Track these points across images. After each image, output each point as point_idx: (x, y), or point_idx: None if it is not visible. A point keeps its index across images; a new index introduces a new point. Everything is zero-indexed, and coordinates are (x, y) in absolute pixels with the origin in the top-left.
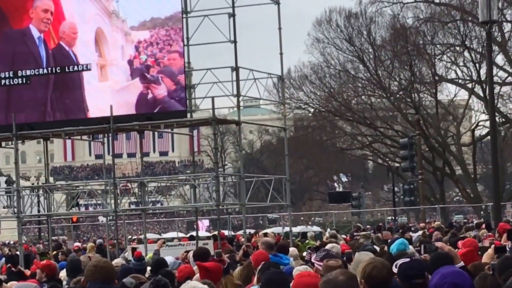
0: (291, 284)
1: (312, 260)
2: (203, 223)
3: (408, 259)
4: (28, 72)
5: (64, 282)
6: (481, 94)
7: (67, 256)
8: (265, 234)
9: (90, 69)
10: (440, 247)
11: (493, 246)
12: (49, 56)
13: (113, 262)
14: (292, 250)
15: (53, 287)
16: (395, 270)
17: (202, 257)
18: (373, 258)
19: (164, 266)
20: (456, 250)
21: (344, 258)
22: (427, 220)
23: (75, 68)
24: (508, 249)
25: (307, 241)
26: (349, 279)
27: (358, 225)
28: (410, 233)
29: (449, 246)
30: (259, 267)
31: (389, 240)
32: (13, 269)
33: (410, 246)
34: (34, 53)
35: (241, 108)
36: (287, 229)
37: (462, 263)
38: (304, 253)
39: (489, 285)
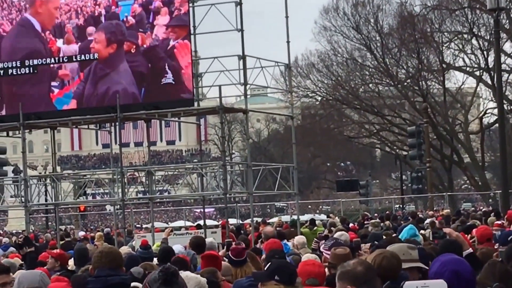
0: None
1: (321, 249)
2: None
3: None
4: (35, 62)
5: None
6: (489, 82)
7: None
8: (265, 224)
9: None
10: (448, 233)
11: None
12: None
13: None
14: (300, 238)
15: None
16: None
17: (199, 246)
18: (383, 249)
19: (172, 255)
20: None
21: (353, 247)
22: (435, 208)
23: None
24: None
25: (315, 228)
26: (368, 270)
27: (366, 214)
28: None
29: (457, 232)
30: (265, 255)
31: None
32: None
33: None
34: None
35: (248, 96)
36: (294, 217)
37: (470, 250)
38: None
39: (498, 271)
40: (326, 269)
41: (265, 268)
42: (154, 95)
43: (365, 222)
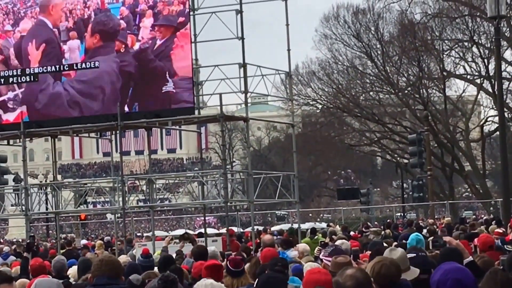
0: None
1: (321, 256)
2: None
3: (414, 254)
4: (36, 70)
5: (72, 279)
6: (490, 90)
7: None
8: (266, 232)
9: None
10: (448, 242)
11: None
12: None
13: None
14: (304, 246)
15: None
16: None
17: (202, 256)
18: (382, 256)
19: (172, 263)
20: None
21: (352, 256)
22: (436, 216)
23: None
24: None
25: (316, 236)
26: (358, 285)
27: (367, 223)
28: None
29: (457, 241)
30: (267, 263)
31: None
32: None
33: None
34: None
35: (249, 104)
36: (295, 226)
37: (470, 258)
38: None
39: (500, 279)
40: None
41: (255, 284)
42: (154, 103)
43: (364, 230)
